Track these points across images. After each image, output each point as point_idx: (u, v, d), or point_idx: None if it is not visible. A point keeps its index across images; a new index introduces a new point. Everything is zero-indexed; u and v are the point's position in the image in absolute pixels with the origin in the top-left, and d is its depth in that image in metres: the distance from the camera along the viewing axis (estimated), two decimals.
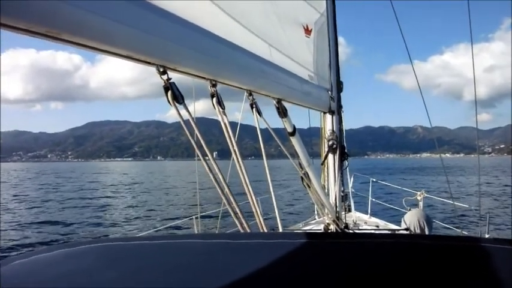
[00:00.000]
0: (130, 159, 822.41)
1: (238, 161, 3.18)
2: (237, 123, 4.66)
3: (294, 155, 4.90)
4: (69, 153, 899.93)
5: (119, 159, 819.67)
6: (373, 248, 1.62)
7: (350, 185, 10.87)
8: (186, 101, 2.61)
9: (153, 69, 2.38)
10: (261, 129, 3.80)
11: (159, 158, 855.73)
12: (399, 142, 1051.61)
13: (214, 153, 2.75)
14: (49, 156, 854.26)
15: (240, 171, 3.20)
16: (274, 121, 4.55)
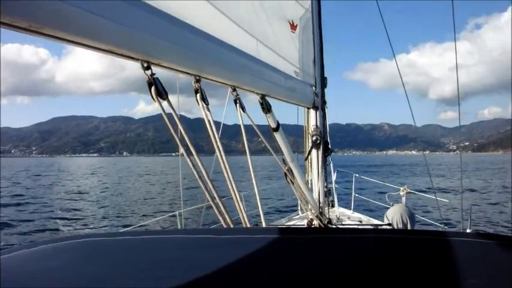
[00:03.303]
0: (95, 154, 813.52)
1: (221, 158, 3.18)
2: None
3: (278, 150, 4.88)
4: (33, 148, 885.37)
5: (84, 154, 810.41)
6: (355, 243, 1.64)
7: (333, 180, 10.96)
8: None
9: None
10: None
11: (125, 153, 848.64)
12: (366, 139, 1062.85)
13: (182, 150, 2.72)
14: (13, 151, 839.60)
15: (223, 168, 3.20)
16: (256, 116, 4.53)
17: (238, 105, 3.72)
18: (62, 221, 26.04)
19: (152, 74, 2.44)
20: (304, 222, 7.25)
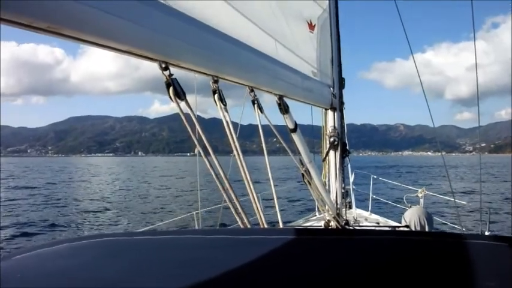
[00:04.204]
0: (111, 154, 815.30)
1: (239, 158, 3.18)
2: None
3: (295, 151, 4.87)
4: (49, 148, 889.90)
5: (99, 154, 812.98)
6: (373, 245, 1.63)
7: (351, 181, 10.91)
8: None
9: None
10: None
11: (140, 153, 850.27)
12: (381, 140, 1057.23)
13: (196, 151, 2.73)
14: (29, 151, 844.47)
15: (241, 168, 3.20)
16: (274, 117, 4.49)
17: (256, 106, 3.71)
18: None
19: (170, 75, 2.45)
20: (322, 224, 7.23)
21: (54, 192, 44.97)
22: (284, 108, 4.37)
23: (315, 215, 9.96)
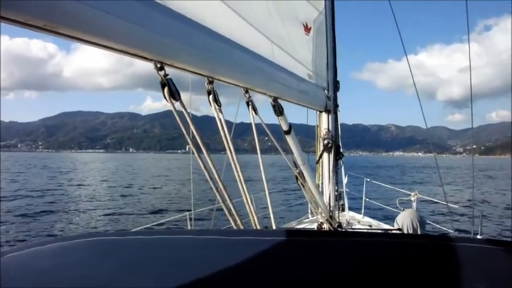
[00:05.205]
0: (102, 150, 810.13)
1: (232, 159, 3.17)
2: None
3: (289, 153, 4.85)
4: (39, 143, 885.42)
5: (90, 150, 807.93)
6: (365, 247, 1.65)
7: (344, 184, 10.91)
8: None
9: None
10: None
11: (131, 150, 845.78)
12: (373, 140, 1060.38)
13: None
14: (19, 146, 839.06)
15: (234, 169, 3.19)
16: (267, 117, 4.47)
17: (250, 107, 3.70)
18: None
19: (165, 75, 2.44)
20: (314, 226, 7.25)
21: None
22: (279, 110, 4.34)
23: (308, 217, 9.98)
